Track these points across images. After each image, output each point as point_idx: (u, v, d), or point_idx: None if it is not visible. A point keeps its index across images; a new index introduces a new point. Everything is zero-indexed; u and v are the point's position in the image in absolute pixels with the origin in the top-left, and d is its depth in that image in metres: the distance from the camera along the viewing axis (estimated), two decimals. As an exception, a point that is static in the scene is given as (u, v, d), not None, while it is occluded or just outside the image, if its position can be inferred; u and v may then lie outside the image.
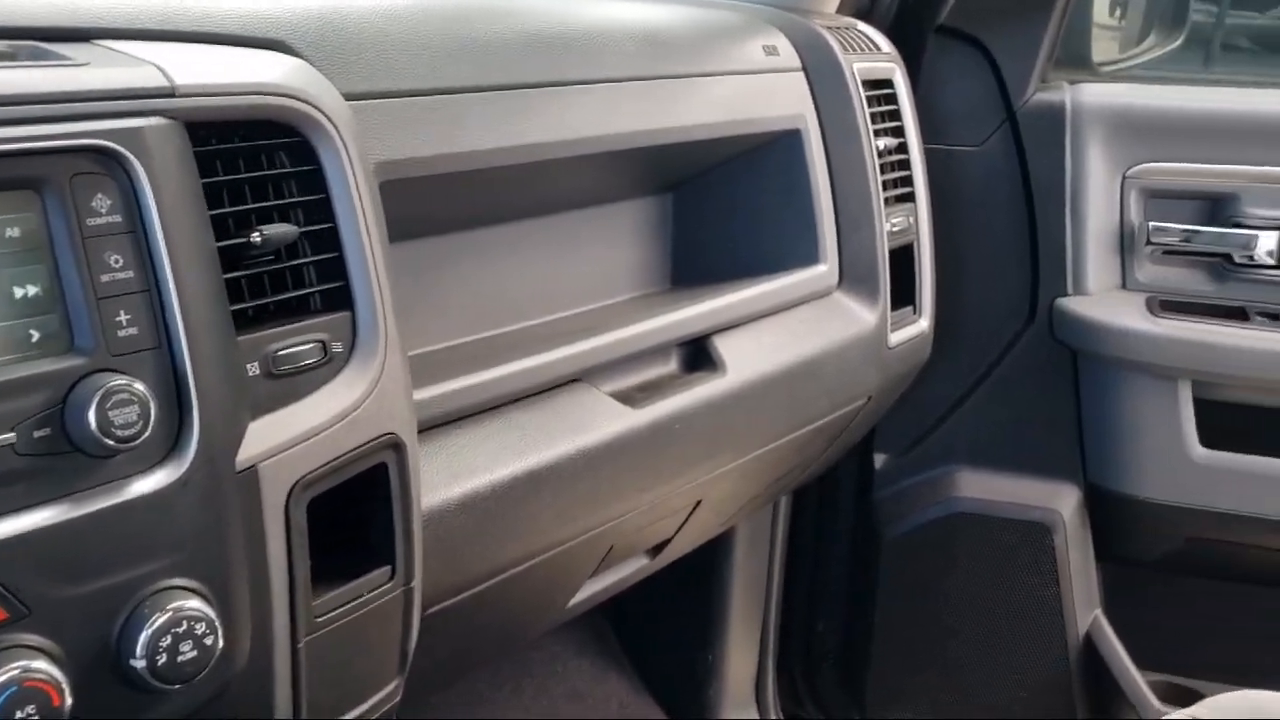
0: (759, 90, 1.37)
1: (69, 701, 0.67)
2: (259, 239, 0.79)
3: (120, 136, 0.70)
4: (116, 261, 0.69)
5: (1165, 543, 1.72)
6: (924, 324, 1.59)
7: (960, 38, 1.73)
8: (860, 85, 1.45)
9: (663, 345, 1.23)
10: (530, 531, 1.08)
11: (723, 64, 1.33)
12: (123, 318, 0.69)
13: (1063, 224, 1.70)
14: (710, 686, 1.92)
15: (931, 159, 1.60)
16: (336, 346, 0.83)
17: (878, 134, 1.48)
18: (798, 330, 1.37)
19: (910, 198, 1.55)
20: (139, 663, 0.70)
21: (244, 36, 0.87)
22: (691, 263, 1.43)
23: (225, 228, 0.78)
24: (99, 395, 0.67)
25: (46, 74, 0.70)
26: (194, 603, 0.72)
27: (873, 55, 1.52)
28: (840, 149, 1.43)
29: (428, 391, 0.97)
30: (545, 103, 1.10)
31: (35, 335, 0.68)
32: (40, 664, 0.66)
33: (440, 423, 0.99)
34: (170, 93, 0.74)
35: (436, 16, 1.06)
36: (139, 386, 0.69)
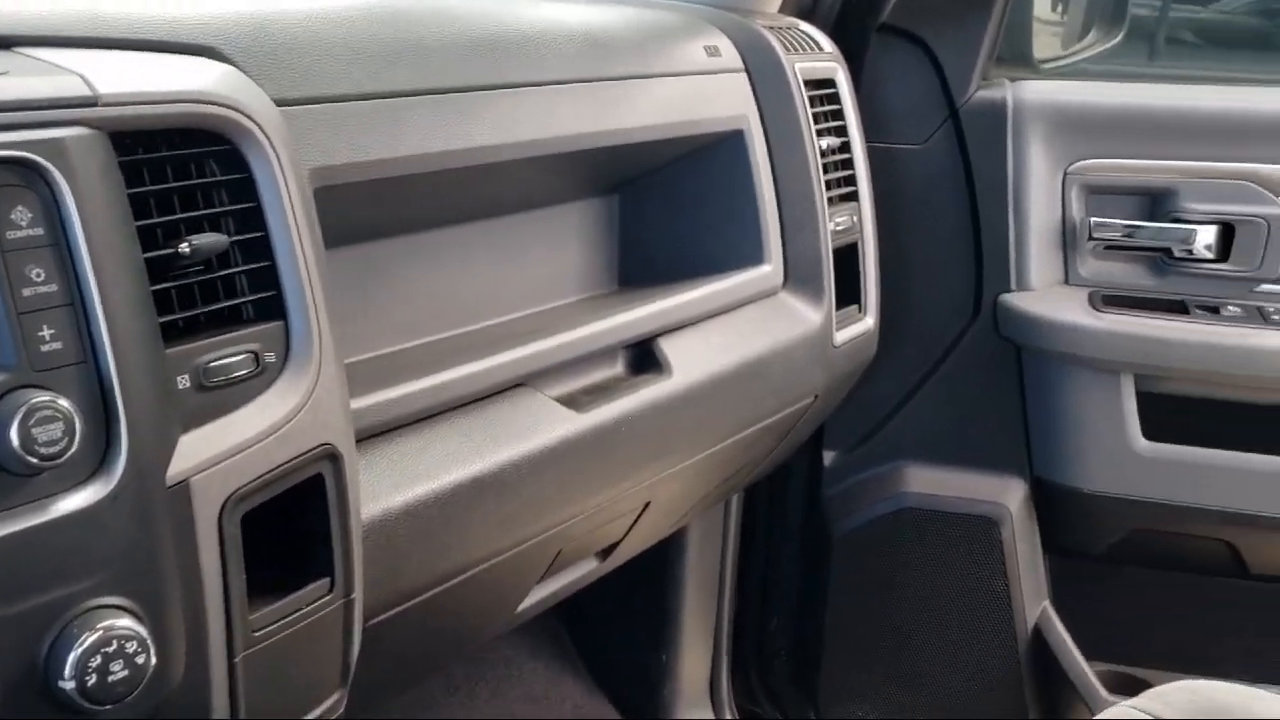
0: (701, 91, 1.37)
1: (-5, 725, 0.66)
2: (188, 249, 0.77)
3: (40, 148, 0.68)
4: (38, 275, 0.68)
5: (1111, 534, 1.74)
6: (869, 322, 1.59)
7: (902, 36, 1.74)
8: (803, 85, 1.46)
9: (608, 348, 1.23)
10: (476, 538, 1.07)
11: (665, 65, 1.33)
12: (45, 332, 0.68)
13: (1005, 221, 1.71)
14: (665, 686, 1.92)
15: (874, 157, 1.60)
16: (269, 357, 0.81)
17: (820, 134, 1.48)
18: (743, 330, 1.38)
19: (854, 197, 1.56)
20: (68, 684, 0.69)
21: (171, 43, 0.85)
22: (638, 264, 1.43)
23: (153, 238, 0.77)
24: (21, 412, 0.65)
25: (-37, 84, 0.68)
26: (125, 621, 0.71)
27: (815, 55, 1.52)
28: (783, 149, 1.43)
29: (368, 399, 0.96)
30: (486, 106, 1.09)
31: (-46, 352, 0.66)
32: (-36, 688, 0.64)
33: (382, 430, 0.98)
34: (93, 102, 0.72)
35: (373, 20, 1.04)
36: (63, 402, 0.67)
